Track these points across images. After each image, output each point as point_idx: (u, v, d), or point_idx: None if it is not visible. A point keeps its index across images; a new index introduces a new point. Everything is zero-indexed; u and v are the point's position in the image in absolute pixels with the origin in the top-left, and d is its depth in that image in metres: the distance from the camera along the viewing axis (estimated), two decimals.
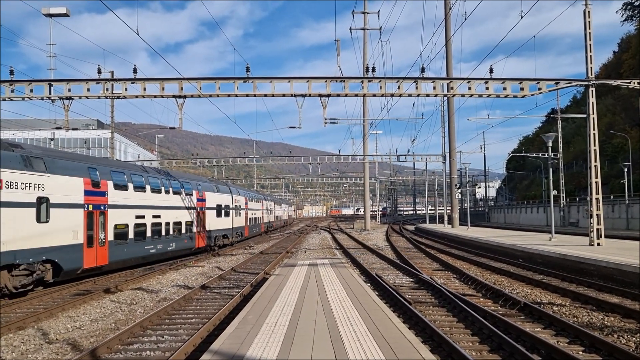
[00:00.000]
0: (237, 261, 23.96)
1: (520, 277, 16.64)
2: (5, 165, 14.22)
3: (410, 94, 21.67)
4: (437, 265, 21.44)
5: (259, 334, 7.94)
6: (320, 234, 48.05)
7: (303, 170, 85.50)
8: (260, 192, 65.60)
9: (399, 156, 52.98)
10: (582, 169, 56.82)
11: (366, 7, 45.80)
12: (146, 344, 9.51)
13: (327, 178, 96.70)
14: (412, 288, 15.18)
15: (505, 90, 21.56)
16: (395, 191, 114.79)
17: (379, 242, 35.42)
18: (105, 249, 18.82)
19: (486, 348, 8.71)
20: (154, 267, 22.09)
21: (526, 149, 74.78)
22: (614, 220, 45.79)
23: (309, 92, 21.18)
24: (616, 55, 76.69)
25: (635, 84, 21.49)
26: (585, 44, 21.82)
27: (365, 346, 7.09)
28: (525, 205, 69.39)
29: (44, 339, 10.24)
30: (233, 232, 35.35)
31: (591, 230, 21.99)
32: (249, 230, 41.56)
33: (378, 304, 10.42)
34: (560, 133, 56.20)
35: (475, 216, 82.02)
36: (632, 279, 14.29)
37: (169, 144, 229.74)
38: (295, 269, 16.68)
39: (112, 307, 13.40)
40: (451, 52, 42.15)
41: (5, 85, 20.31)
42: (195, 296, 14.48)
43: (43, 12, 23.63)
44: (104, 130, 66.80)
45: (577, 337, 9.13)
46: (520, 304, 11.77)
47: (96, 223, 18.38)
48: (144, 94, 21.00)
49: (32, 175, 15.21)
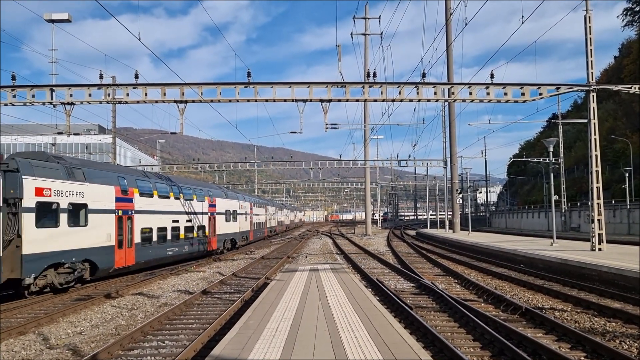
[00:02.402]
0: (238, 266, 23.94)
1: (522, 282, 16.60)
2: (54, 175, 16.29)
3: (411, 99, 21.69)
4: (438, 270, 21.40)
5: (260, 339, 7.93)
6: (321, 239, 48.00)
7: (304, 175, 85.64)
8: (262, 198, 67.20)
9: (400, 161, 52.98)
10: (583, 173, 56.80)
11: (367, 12, 45.95)
12: (147, 349, 9.50)
13: (328, 183, 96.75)
14: (413, 293, 15.15)
15: (506, 96, 21.58)
16: (397, 196, 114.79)
17: (380, 247, 35.38)
18: (132, 250, 20.64)
19: (487, 354, 8.68)
20: (155, 272, 22.09)
21: (527, 154, 74.78)
22: (615, 225, 45.72)
23: (310, 98, 21.21)
24: (617, 60, 76.75)
25: (636, 89, 21.50)
26: (586, 49, 21.85)
27: (367, 351, 7.07)
28: (526, 210, 69.32)
29: (45, 344, 10.22)
30: (240, 236, 36.94)
31: (592, 235, 21.96)
32: (253, 235, 43.17)
33: (379, 309, 10.40)
34: (562, 138, 56.17)
35: (477, 221, 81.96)
36: (634, 284, 14.25)
37: (170, 149, 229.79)
38: (296, 274, 16.66)
39: (113, 312, 13.39)
40: (452, 57, 42.30)
41: (7, 90, 20.37)
42: (196, 301, 14.46)
43: (45, 17, 23.70)
44: (106, 135, 66.94)
45: (578, 343, 9.10)
46: (522, 309, 11.74)
47: (125, 227, 20.12)
48: (145, 99, 21.05)
49: (74, 184, 17.14)
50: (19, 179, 14.82)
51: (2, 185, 14.08)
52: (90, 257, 17.58)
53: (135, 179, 21.65)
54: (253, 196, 52.63)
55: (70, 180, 16.93)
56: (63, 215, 16.41)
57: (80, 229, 17.25)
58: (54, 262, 15.76)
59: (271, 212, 56.84)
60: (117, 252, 19.30)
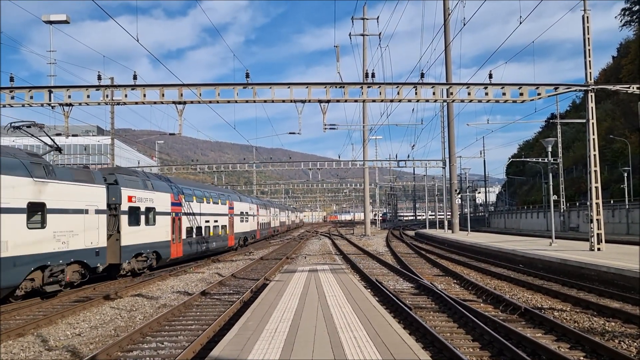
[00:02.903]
0: (237, 267, 23.92)
1: (521, 283, 16.60)
2: (136, 186, 21.02)
3: (409, 100, 21.69)
4: (437, 270, 21.40)
5: (259, 340, 7.92)
6: (320, 240, 47.99)
7: (303, 176, 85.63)
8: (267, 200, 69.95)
9: (399, 161, 52.99)
10: (582, 173, 56.85)
11: (365, 13, 45.95)
12: (146, 350, 9.48)
13: (327, 184, 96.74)
14: (412, 294, 15.15)
15: (504, 96, 21.59)
16: (395, 196, 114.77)
17: (379, 248, 35.38)
18: (181, 245, 25.26)
19: (487, 354, 8.68)
20: (154, 273, 22.11)
21: (526, 154, 74.89)
22: (614, 225, 45.76)
23: (309, 98, 21.20)
24: (615, 60, 76.87)
25: (634, 89, 21.53)
26: (584, 50, 21.86)
27: (366, 352, 7.07)
28: (525, 210, 69.37)
29: (44, 346, 10.20)
30: (250, 234, 41.68)
31: (591, 235, 21.97)
32: (260, 234, 47.66)
33: (378, 309, 10.39)
34: (560, 138, 56.24)
35: (476, 221, 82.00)
36: (633, 284, 14.26)
37: (168, 150, 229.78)
38: (295, 275, 16.65)
39: (111, 313, 13.37)
40: (450, 57, 42.33)
41: (5, 92, 20.34)
42: (195, 302, 14.44)
43: (43, 19, 23.66)
44: (104, 136, 66.88)
45: (578, 343, 9.10)
46: (521, 309, 11.74)
47: (176, 226, 24.72)
48: (143, 100, 21.03)
49: (148, 193, 21.87)
50: (119, 190, 19.63)
51: (107, 194, 18.53)
52: (156, 249, 22.32)
53: (181, 187, 26.57)
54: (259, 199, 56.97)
55: (145, 190, 21.70)
56: (142, 217, 21.15)
57: (151, 227, 22.00)
58: (137, 252, 20.69)
59: (274, 213, 60.32)
60: (172, 246, 24.04)
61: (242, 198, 40.61)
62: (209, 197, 30.45)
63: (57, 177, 15.97)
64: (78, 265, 16.85)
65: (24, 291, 14.72)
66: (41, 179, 15.13)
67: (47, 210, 15.26)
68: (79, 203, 16.93)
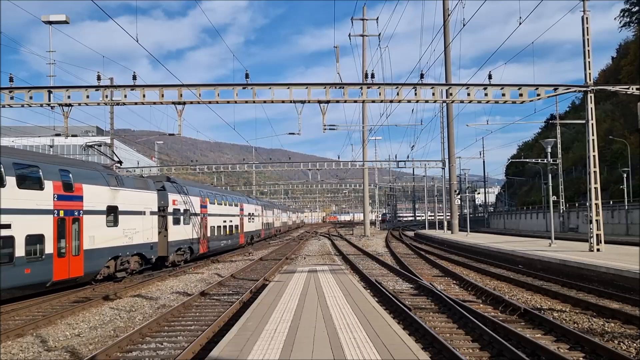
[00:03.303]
0: (237, 268, 23.91)
1: (520, 283, 16.60)
2: (177, 191, 25.38)
3: (409, 100, 21.68)
4: (436, 271, 21.40)
5: (259, 341, 7.92)
6: (319, 240, 47.97)
7: (302, 176, 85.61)
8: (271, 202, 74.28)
9: (399, 162, 52.89)
10: (581, 174, 56.81)
11: (365, 14, 45.92)
12: (145, 351, 9.48)
13: (326, 184, 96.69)
14: (412, 294, 15.14)
15: (504, 96, 21.58)
16: (395, 197, 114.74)
17: (378, 248, 35.36)
18: (206, 242, 29.12)
19: (486, 354, 8.68)
20: (153, 273, 22.10)
21: (525, 155, 74.81)
22: (613, 225, 45.76)
23: (308, 99, 21.18)
24: (615, 61, 76.89)
25: (633, 90, 21.53)
26: (583, 50, 21.87)
27: (365, 353, 7.06)
28: (524, 211, 69.38)
29: (43, 346, 10.19)
30: (256, 233, 45.77)
31: (591, 235, 21.97)
32: (264, 233, 51.52)
33: (378, 310, 10.39)
34: (560, 139, 56.26)
35: (475, 222, 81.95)
36: (633, 285, 14.26)
37: (168, 151, 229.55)
38: (294, 276, 16.65)
39: (111, 314, 13.36)
40: (450, 58, 42.32)
41: (4, 92, 20.31)
42: (194, 303, 14.43)
43: (43, 19, 23.63)
44: (104, 136, 66.81)
45: (577, 343, 9.10)
46: (521, 310, 11.73)
47: (204, 225, 28.77)
48: (143, 101, 21.01)
49: (184, 197, 25.93)
50: (166, 195, 23.95)
51: (158, 199, 22.75)
52: (190, 245, 26.21)
53: (207, 191, 30.76)
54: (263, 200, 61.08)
55: (182, 194, 25.80)
56: (181, 218, 25.24)
57: (187, 226, 25.90)
58: (178, 247, 24.82)
59: (276, 214, 64.70)
60: (201, 242, 27.88)
61: (249, 200, 44.59)
62: (225, 200, 34.51)
63: (125, 185, 20.11)
64: (138, 256, 21.03)
65: (102, 276, 18.58)
66: (114, 187, 19.13)
67: (119, 212, 19.27)
68: (139, 206, 21.09)
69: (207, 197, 29.79)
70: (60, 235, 15.99)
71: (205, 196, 29.56)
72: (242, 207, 39.14)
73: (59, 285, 16.31)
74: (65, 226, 16.30)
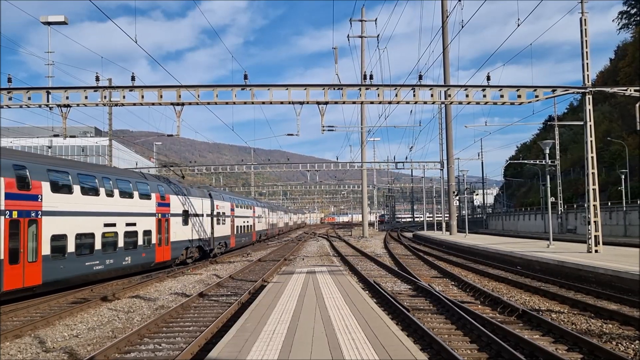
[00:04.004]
0: (235, 269, 23.89)
1: (519, 284, 16.62)
2: (217, 198, 32.15)
3: (407, 102, 21.70)
4: (435, 272, 21.41)
5: (258, 342, 7.92)
6: (318, 241, 47.96)
7: (301, 177, 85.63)
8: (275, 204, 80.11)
9: (397, 163, 52.84)
10: (579, 175, 56.90)
11: (364, 15, 45.95)
12: (143, 352, 9.47)
13: (325, 185, 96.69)
14: (410, 295, 15.15)
15: (502, 98, 21.61)
16: (393, 198, 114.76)
17: (377, 250, 35.36)
18: (234, 238, 36.10)
19: (485, 356, 8.69)
20: (152, 274, 22.07)
21: (524, 156, 74.84)
22: (611, 227, 45.80)
23: (307, 100, 21.20)
24: (613, 63, 76.98)
25: (632, 91, 21.59)
26: (581, 52, 21.92)
27: (364, 354, 7.07)
28: (523, 212, 69.41)
29: (41, 347, 10.18)
30: (263, 232, 51.88)
31: (589, 237, 22.01)
32: (269, 232, 57.95)
33: (376, 311, 10.39)
34: (558, 140, 56.28)
35: (474, 223, 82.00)
36: (630, 286, 14.29)
37: (166, 152, 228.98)
38: (293, 277, 16.64)
39: (109, 315, 13.34)
40: (449, 59, 42.32)
41: (3, 93, 20.29)
42: (193, 304, 14.42)
43: (41, 20, 23.61)
44: (102, 137, 66.72)
45: (575, 344, 9.11)
46: (519, 311, 11.75)
47: (233, 225, 35.80)
48: (142, 102, 21.00)
49: (222, 202, 32.99)
50: (213, 202, 30.90)
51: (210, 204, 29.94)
52: (225, 241, 33.23)
53: (235, 197, 38.78)
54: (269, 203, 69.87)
55: (220, 200, 32.54)
56: (221, 219, 32.05)
57: (225, 226, 33.20)
58: (219, 242, 31.71)
59: (280, 215, 71.40)
60: (231, 239, 35.09)
61: (258, 204, 51.18)
62: (243, 204, 41.53)
63: (191, 194, 27.48)
64: (198, 249, 28.13)
65: (179, 261, 25.51)
66: (186, 196, 26.36)
67: (189, 215, 26.40)
68: (200, 210, 28.34)
69: (234, 202, 36.96)
70: (159, 231, 23.03)
71: (233, 201, 36.71)
72: (254, 210, 46.12)
73: (157, 265, 23.03)
74: (161, 225, 23.32)
